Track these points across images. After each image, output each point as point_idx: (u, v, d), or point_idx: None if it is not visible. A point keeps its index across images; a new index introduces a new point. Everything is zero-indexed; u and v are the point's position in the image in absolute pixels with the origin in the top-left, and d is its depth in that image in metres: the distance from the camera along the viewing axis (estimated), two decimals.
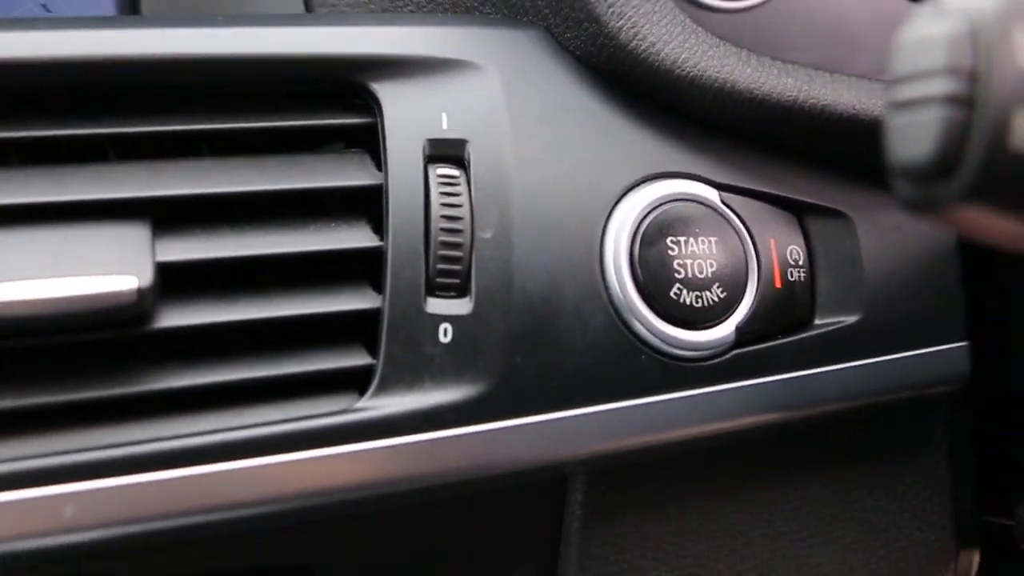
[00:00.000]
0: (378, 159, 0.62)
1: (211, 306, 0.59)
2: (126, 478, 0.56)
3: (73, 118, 0.60)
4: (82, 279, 0.55)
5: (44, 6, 0.80)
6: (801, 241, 0.67)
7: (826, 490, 0.71)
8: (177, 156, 0.61)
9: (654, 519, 0.68)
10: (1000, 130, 0.41)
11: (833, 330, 0.67)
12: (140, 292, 0.55)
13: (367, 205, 0.61)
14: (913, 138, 0.44)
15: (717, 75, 0.65)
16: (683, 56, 0.65)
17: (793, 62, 0.67)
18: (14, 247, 0.56)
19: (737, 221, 0.65)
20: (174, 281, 0.58)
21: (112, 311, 0.55)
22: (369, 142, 0.62)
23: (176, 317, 0.58)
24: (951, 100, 0.42)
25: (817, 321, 0.67)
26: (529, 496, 0.66)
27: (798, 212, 0.68)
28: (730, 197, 0.66)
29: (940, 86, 0.42)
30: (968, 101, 0.42)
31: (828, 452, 0.70)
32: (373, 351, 0.60)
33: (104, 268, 0.55)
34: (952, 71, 0.42)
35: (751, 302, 0.65)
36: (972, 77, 0.42)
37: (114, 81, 0.61)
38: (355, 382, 0.60)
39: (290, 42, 0.63)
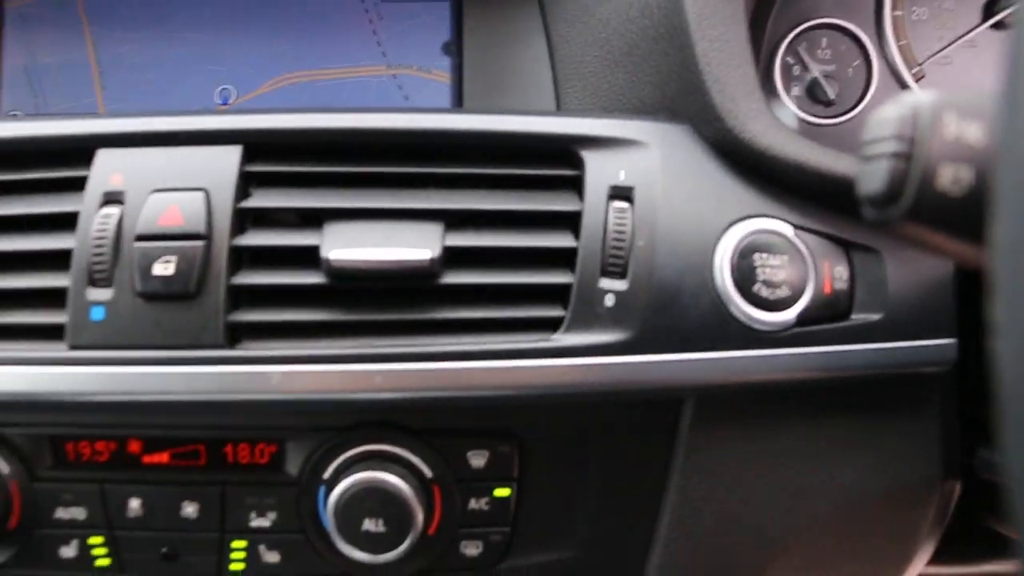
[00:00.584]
0: (581, 195, 0.69)
1: (474, 273, 0.66)
2: (413, 365, 0.65)
3: (413, 161, 0.68)
4: (401, 249, 0.64)
5: (410, 105, 0.92)
6: (846, 265, 0.70)
7: (852, 431, 0.73)
8: (465, 187, 0.70)
9: (737, 432, 0.71)
10: (928, 176, 0.45)
11: (862, 324, 0.69)
12: (432, 260, 0.64)
13: (571, 221, 0.68)
14: (873, 178, 0.48)
15: (795, 156, 0.70)
16: (775, 144, 0.70)
17: (846, 152, 0.71)
18: (369, 229, 0.66)
19: (804, 249, 0.69)
20: (455, 257, 0.65)
21: (416, 270, 0.64)
22: (577, 185, 0.70)
23: (454, 277, 0.65)
24: (897, 155, 0.46)
25: (852, 317, 0.70)
26: (657, 409, 0.70)
27: (845, 246, 0.71)
28: (800, 233, 0.69)
29: (891, 146, 0.46)
30: (908, 157, 0.46)
31: (856, 404, 0.72)
32: (565, 307, 0.66)
33: (414, 244, 0.64)
34: (899, 137, 0.46)
35: (808, 300, 0.68)
36: (912, 142, 0.46)
37: (439, 142, 0.70)
38: (552, 325, 0.66)
39: (540, 125, 0.71)
